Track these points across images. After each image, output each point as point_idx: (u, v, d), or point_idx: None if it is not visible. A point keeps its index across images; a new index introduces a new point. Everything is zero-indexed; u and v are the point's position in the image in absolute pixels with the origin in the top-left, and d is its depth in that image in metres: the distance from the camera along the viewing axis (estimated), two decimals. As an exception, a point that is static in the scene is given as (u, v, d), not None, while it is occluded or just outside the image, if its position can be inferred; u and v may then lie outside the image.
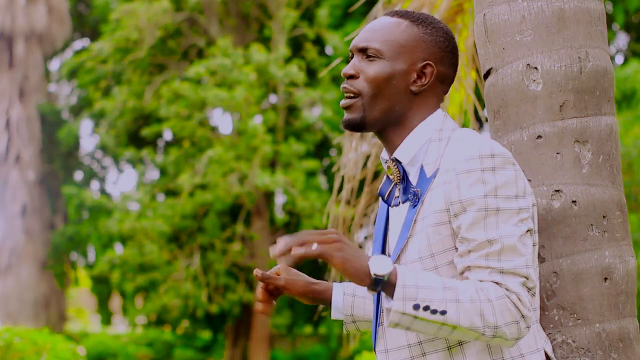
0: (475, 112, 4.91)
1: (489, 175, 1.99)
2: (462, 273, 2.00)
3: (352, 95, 2.13)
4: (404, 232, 2.09)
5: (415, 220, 2.07)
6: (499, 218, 1.97)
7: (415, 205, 2.08)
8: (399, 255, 2.09)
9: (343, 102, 2.15)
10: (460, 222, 2.00)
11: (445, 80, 2.17)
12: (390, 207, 2.20)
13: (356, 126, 2.14)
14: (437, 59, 2.14)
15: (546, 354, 2.12)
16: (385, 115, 2.13)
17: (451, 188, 2.02)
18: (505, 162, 2.01)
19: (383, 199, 2.21)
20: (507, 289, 1.93)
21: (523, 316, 1.93)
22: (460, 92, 4.44)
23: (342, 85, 2.15)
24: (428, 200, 2.07)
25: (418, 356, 2.07)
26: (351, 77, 2.14)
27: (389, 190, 2.19)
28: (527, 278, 1.95)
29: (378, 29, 2.14)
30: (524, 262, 1.96)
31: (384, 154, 2.20)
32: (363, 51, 2.14)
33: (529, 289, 1.97)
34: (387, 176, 2.20)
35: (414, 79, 2.12)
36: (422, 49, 2.13)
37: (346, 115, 2.15)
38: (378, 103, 2.11)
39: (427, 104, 2.15)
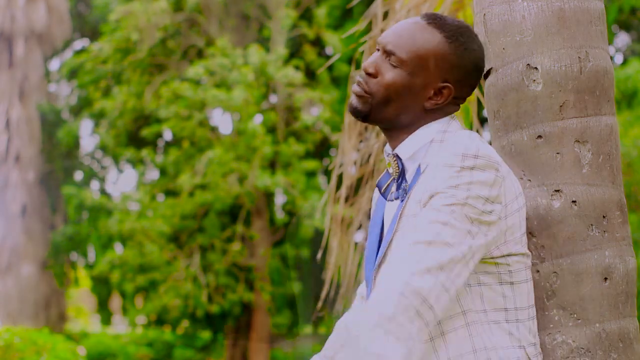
0: (479, 111, 4.90)
1: (466, 172, 1.97)
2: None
3: (364, 92, 2.11)
4: (391, 228, 2.09)
5: (400, 216, 2.07)
6: (464, 211, 1.94)
7: (403, 201, 2.09)
8: (385, 252, 2.09)
9: (355, 88, 2.12)
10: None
11: (460, 100, 2.16)
12: (387, 201, 2.20)
13: (359, 116, 2.14)
14: (457, 81, 2.11)
15: (527, 356, 2.11)
16: (391, 120, 2.13)
17: (427, 179, 2.02)
18: (487, 165, 1.99)
19: (380, 192, 2.21)
20: None
21: None
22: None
23: (357, 78, 2.12)
24: (413, 195, 2.07)
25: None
26: (369, 74, 2.11)
27: (386, 184, 2.19)
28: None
29: (409, 36, 2.09)
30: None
31: (387, 148, 2.21)
32: (388, 53, 2.10)
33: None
34: (387, 170, 2.20)
35: (430, 96, 2.10)
36: (446, 69, 2.09)
37: (355, 102, 2.13)
38: (387, 108, 2.11)
39: (435, 119, 2.14)
